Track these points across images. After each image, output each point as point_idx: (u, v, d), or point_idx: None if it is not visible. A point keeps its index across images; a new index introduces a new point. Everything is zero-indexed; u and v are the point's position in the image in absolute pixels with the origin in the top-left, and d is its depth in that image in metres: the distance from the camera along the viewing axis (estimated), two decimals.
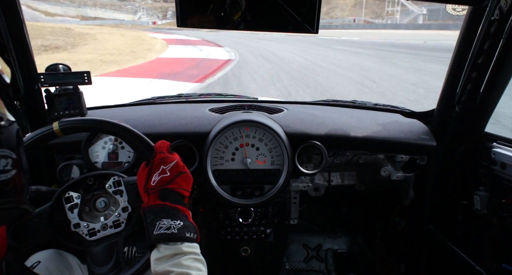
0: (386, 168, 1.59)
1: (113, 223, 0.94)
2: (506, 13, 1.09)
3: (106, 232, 0.93)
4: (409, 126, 1.56)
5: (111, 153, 1.38)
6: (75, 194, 0.93)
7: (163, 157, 0.87)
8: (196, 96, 1.92)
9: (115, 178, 0.95)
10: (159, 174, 0.85)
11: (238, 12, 0.98)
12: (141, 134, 0.93)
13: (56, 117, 1.33)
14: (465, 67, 1.30)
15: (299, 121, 1.50)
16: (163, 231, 0.78)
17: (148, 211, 0.82)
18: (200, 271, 0.77)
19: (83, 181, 0.97)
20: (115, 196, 0.95)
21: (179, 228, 0.79)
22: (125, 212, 0.94)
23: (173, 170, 0.86)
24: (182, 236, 0.78)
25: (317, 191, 1.65)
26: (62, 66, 1.34)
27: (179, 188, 0.86)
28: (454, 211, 1.50)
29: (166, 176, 0.85)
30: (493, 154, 1.28)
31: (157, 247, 0.78)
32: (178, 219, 0.80)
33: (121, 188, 0.95)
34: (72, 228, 0.92)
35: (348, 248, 2.26)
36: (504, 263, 1.24)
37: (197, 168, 1.37)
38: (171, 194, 0.84)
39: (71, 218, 0.92)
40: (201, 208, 1.60)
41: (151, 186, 0.84)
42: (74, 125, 0.91)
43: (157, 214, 0.80)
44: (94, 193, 0.97)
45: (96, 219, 0.95)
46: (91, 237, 0.93)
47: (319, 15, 0.95)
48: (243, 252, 1.61)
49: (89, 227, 0.92)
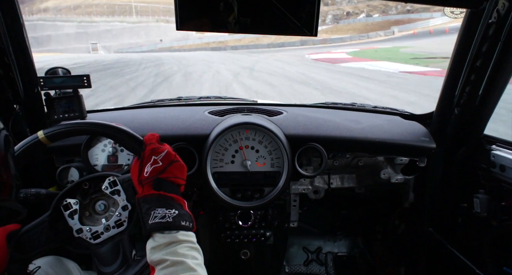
0: (386, 170, 1.59)
1: (115, 223, 0.93)
2: (503, 15, 1.09)
3: (110, 233, 0.93)
4: (408, 128, 1.56)
5: (110, 155, 1.38)
6: (72, 200, 0.92)
7: (153, 148, 0.87)
8: (196, 99, 1.92)
9: (110, 179, 0.95)
10: (151, 164, 0.84)
11: (233, 13, 0.98)
12: (128, 130, 0.92)
13: (56, 121, 1.34)
14: (463, 69, 1.30)
15: (298, 124, 1.50)
16: (158, 220, 0.77)
17: (143, 201, 0.82)
18: (196, 259, 0.76)
19: (78, 186, 0.96)
20: (113, 196, 0.94)
21: (174, 216, 0.78)
22: (125, 210, 0.94)
23: (165, 159, 0.86)
24: (177, 224, 0.78)
25: (317, 194, 1.65)
26: (61, 69, 1.34)
27: (172, 177, 0.85)
28: (454, 214, 1.50)
29: (159, 166, 0.84)
30: (493, 156, 1.28)
31: (153, 236, 0.78)
32: (173, 208, 0.80)
33: (117, 187, 0.94)
34: (75, 234, 0.91)
35: (348, 251, 2.26)
36: (505, 266, 1.23)
37: (197, 171, 1.37)
38: (165, 183, 0.84)
39: (72, 225, 0.91)
40: (201, 211, 1.60)
41: (144, 177, 0.84)
42: (58, 131, 0.90)
43: (151, 204, 0.80)
44: (92, 197, 0.96)
45: (98, 221, 0.95)
46: (96, 240, 0.92)
47: (317, 19, 0.95)
48: (243, 255, 1.61)
49: (92, 230, 0.92)
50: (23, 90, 1.30)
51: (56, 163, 1.40)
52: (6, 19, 1.18)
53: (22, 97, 1.30)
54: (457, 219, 1.48)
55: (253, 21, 0.99)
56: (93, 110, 1.65)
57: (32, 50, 1.30)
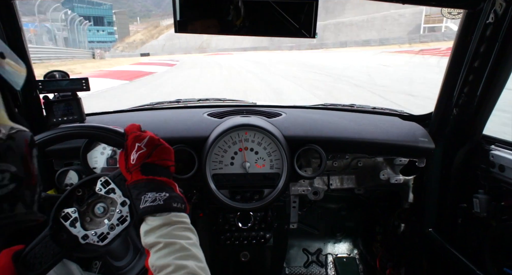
0: (385, 171, 1.59)
1: (118, 220, 0.92)
2: (501, 16, 1.10)
3: (116, 231, 0.92)
4: (407, 129, 1.57)
5: (109, 158, 1.38)
6: (70, 209, 0.91)
7: (135, 136, 0.87)
8: (195, 101, 1.92)
9: (101, 179, 0.94)
10: (136, 151, 0.84)
11: (239, 18, 0.99)
12: (106, 126, 0.92)
13: (55, 124, 1.33)
14: (461, 70, 1.30)
15: (297, 125, 1.50)
16: (149, 204, 0.77)
17: (133, 187, 0.82)
18: (190, 239, 0.76)
19: (72, 194, 0.95)
20: (109, 196, 0.94)
21: (164, 199, 0.78)
22: (124, 206, 0.93)
23: (149, 144, 0.86)
24: (168, 206, 0.78)
25: (316, 195, 1.65)
26: (59, 73, 1.34)
27: (159, 160, 0.85)
28: (453, 214, 1.50)
29: (144, 151, 0.84)
30: (492, 156, 1.28)
31: (145, 220, 0.78)
32: (163, 191, 0.80)
33: (111, 186, 0.94)
34: (82, 241, 0.90)
35: (348, 252, 2.26)
36: (505, 267, 1.23)
37: (196, 172, 1.37)
38: (153, 167, 0.84)
39: (76, 233, 0.90)
40: (200, 213, 1.59)
41: (131, 164, 0.84)
42: (38, 142, 0.91)
43: (141, 189, 0.80)
44: (89, 202, 0.95)
45: (101, 224, 0.94)
46: (104, 242, 0.92)
47: (316, 21, 0.96)
48: (242, 257, 1.61)
49: (98, 233, 0.91)
50: (21, 93, 1.29)
51: (55, 166, 1.39)
52: (5, 23, 1.18)
53: (20, 101, 1.30)
54: (456, 219, 1.48)
55: (255, 23, 1.01)
56: (92, 113, 1.65)
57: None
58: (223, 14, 0.99)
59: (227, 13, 0.99)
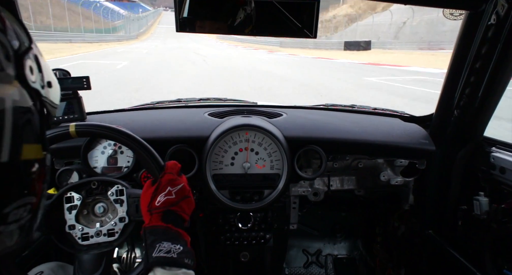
0: (385, 172, 1.59)
1: (108, 231, 0.93)
2: (503, 18, 1.10)
3: (99, 239, 0.93)
4: (408, 130, 1.56)
5: (110, 157, 1.38)
6: (76, 195, 0.93)
7: (171, 178, 0.86)
8: (195, 101, 1.92)
9: (118, 187, 0.96)
10: (165, 195, 0.84)
11: (249, 24, 1.01)
12: (153, 151, 0.92)
13: (56, 122, 1.33)
14: (463, 71, 1.30)
15: (298, 126, 1.50)
16: (163, 254, 0.76)
17: (150, 232, 0.80)
18: None
19: (87, 184, 0.97)
20: (115, 204, 0.95)
21: (178, 252, 0.77)
22: (121, 222, 0.94)
23: (179, 193, 0.85)
24: (181, 261, 0.77)
25: (316, 196, 1.65)
26: (61, 71, 1.34)
27: (181, 212, 0.85)
28: (454, 216, 1.50)
29: (172, 198, 0.84)
30: (492, 158, 1.28)
31: (154, 270, 0.76)
32: (178, 243, 0.79)
33: (122, 197, 0.95)
34: (67, 229, 0.92)
35: (348, 253, 2.25)
36: (505, 269, 1.23)
37: (196, 173, 1.36)
38: (174, 216, 0.83)
39: (67, 219, 0.92)
40: (200, 213, 1.59)
41: (155, 206, 0.83)
42: (90, 130, 0.91)
43: (158, 236, 0.79)
44: (96, 197, 0.97)
45: (92, 223, 0.95)
46: (83, 242, 0.92)
47: (317, 22, 0.96)
48: (242, 257, 1.60)
49: (84, 230, 0.92)
50: None
51: (55, 165, 1.39)
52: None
53: None
54: (457, 221, 1.48)
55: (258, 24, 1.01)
56: (92, 112, 1.65)
57: None
58: (232, 16, 0.99)
59: (234, 16, 0.99)
